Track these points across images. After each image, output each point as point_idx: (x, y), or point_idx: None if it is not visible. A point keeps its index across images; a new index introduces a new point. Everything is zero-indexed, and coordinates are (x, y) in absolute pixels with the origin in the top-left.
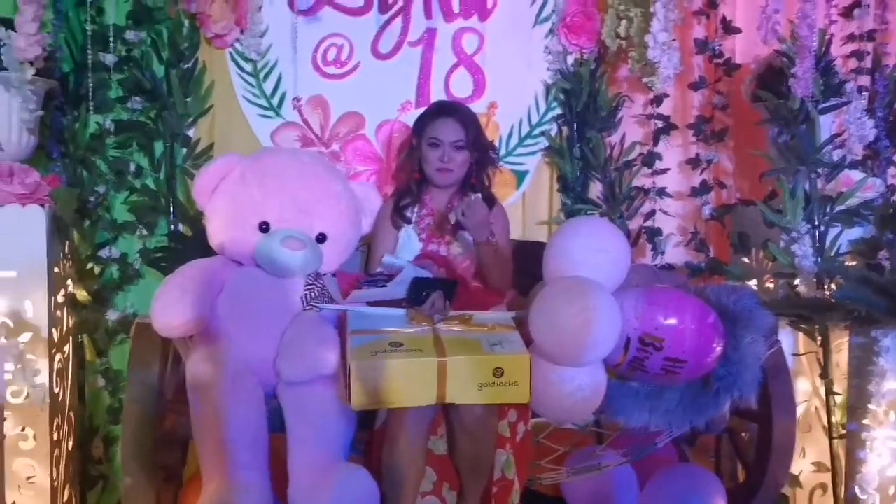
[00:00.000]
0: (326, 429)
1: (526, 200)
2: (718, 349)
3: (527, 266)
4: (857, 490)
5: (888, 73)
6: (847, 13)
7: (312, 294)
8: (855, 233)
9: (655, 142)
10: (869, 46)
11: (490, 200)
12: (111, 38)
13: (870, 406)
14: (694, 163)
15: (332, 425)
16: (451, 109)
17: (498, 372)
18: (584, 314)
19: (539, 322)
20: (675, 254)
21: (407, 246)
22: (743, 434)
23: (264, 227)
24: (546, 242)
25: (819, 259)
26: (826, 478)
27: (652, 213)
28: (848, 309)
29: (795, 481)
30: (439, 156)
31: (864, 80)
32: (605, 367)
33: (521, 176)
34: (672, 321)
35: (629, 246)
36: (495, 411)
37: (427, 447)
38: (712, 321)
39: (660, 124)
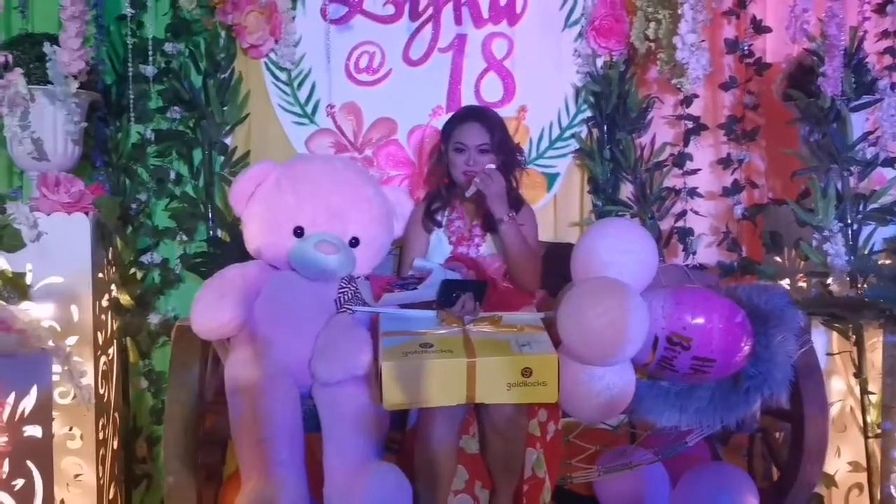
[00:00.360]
0: (360, 428)
1: (557, 203)
2: (747, 348)
3: (557, 267)
4: (892, 489)
5: None
6: (880, 10)
7: (346, 297)
8: (890, 230)
9: (686, 142)
10: None
11: (518, 202)
12: (151, 51)
13: None
14: (725, 163)
15: (365, 425)
16: (475, 114)
17: (527, 372)
18: (611, 314)
19: (567, 322)
20: (708, 254)
21: (437, 249)
22: (777, 434)
23: (299, 232)
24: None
25: (852, 258)
26: (862, 477)
27: (683, 214)
28: (881, 308)
29: (831, 481)
30: (465, 160)
31: None
32: (634, 366)
33: (551, 178)
34: (700, 321)
35: (656, 246)
36: (525, 411)
37: (459, 446)
38: (740, 320)
39: (690, 125)
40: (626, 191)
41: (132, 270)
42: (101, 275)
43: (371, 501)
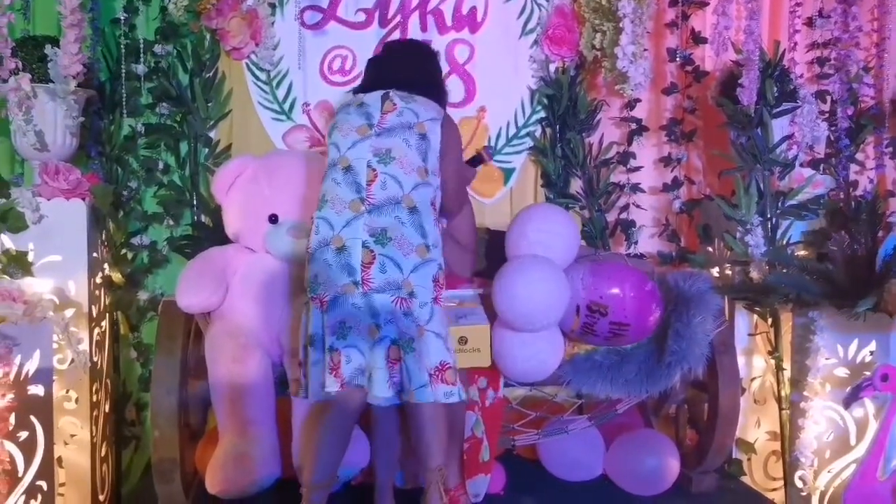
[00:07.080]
0: None
1: (513, 195)
2: (657, 312)
3: (500, 252)
4: (798, 455)
5: (850, 77)
6: (809, 23)
7: None
8: (807, 224)
9: (630, 142)
10: (830, 53)
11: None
12: (142, 51)
13: (808, 379)
14: (666, 161)
15: None
16: None
17: (462, 340)
18: (535, 287)
19: (500, 296)
20: (651, 243)
21: None
22: (703, 405)
23: (273, 219)
24: None
25: (770, 248)
26: (779, 445)
27: (626, 207)
28: (783, 292)
29: (751, 448)
30: None
31: (830, 84)
32: (563, 331)
33: (508, 173)
34: (614, 290)
35: (577, 227)
36: (465, 378)
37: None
38: (650, 289)
39: (634, 126)
40: (576, 185)
41: (123, 251)
42: (95, 254)
43: None
